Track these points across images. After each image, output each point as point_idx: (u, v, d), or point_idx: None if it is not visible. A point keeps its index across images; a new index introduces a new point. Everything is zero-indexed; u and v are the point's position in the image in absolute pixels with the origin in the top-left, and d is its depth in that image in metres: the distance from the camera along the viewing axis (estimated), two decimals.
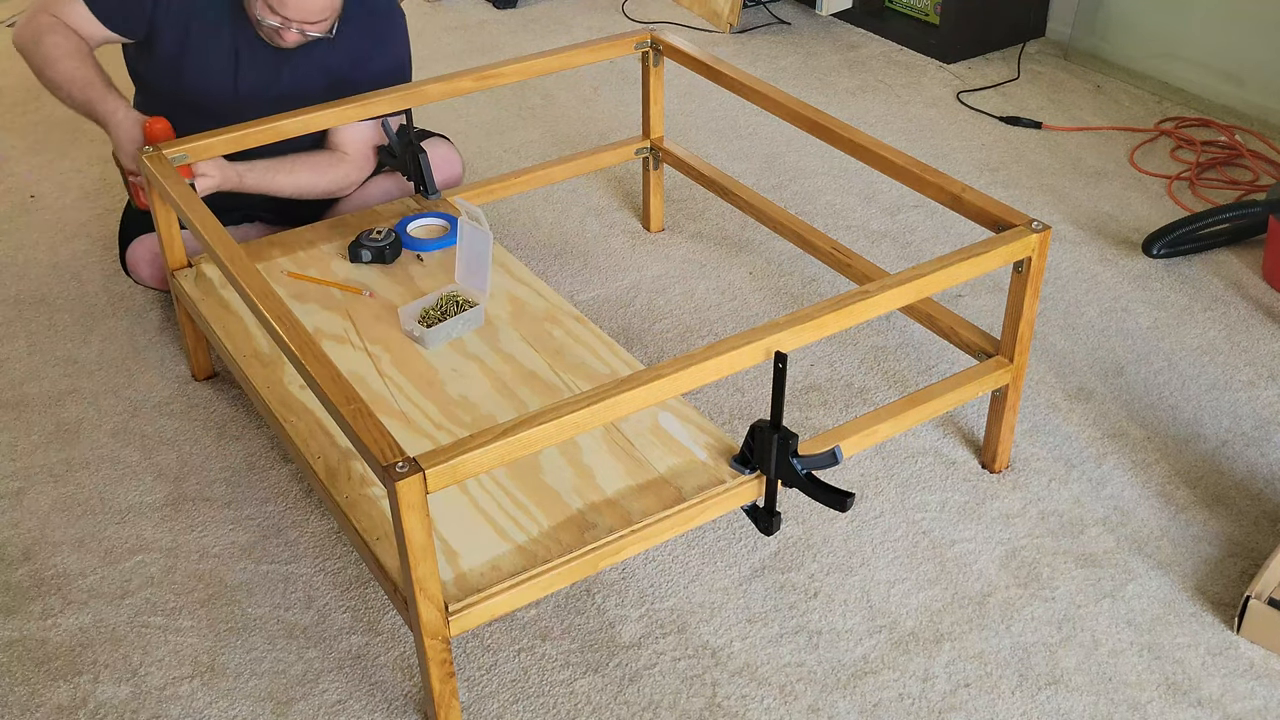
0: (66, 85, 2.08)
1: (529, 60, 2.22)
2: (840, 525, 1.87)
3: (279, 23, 2.03)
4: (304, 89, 2.17)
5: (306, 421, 1.75)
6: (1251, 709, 1.58)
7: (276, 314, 1.54)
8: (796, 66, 3.40)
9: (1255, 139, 2.92)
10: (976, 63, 3.40)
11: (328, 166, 2.21)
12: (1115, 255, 2.51)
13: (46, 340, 2.31)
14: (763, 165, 2.87)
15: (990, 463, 1.96)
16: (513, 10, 3.82)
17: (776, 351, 1.52)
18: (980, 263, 1.67)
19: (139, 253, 2.23)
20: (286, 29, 2.04)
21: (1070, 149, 2.93)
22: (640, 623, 1.71)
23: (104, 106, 2.06)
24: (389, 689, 1.63)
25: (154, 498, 1.94)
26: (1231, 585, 1.75)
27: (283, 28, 2.04)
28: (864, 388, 2.15)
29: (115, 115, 2.04)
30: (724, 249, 2.55)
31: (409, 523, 1.32)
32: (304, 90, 2.17)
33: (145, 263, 2.23)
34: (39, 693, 1.63)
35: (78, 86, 2.08)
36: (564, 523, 1.56)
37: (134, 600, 1.76)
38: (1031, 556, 1.81)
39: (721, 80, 2.20)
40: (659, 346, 2.26)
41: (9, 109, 3.22)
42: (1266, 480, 1.94)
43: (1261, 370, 2.18)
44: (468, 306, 1.94)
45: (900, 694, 1.61)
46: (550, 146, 2.98)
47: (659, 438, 1.69)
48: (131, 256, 2.24)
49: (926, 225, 2.63)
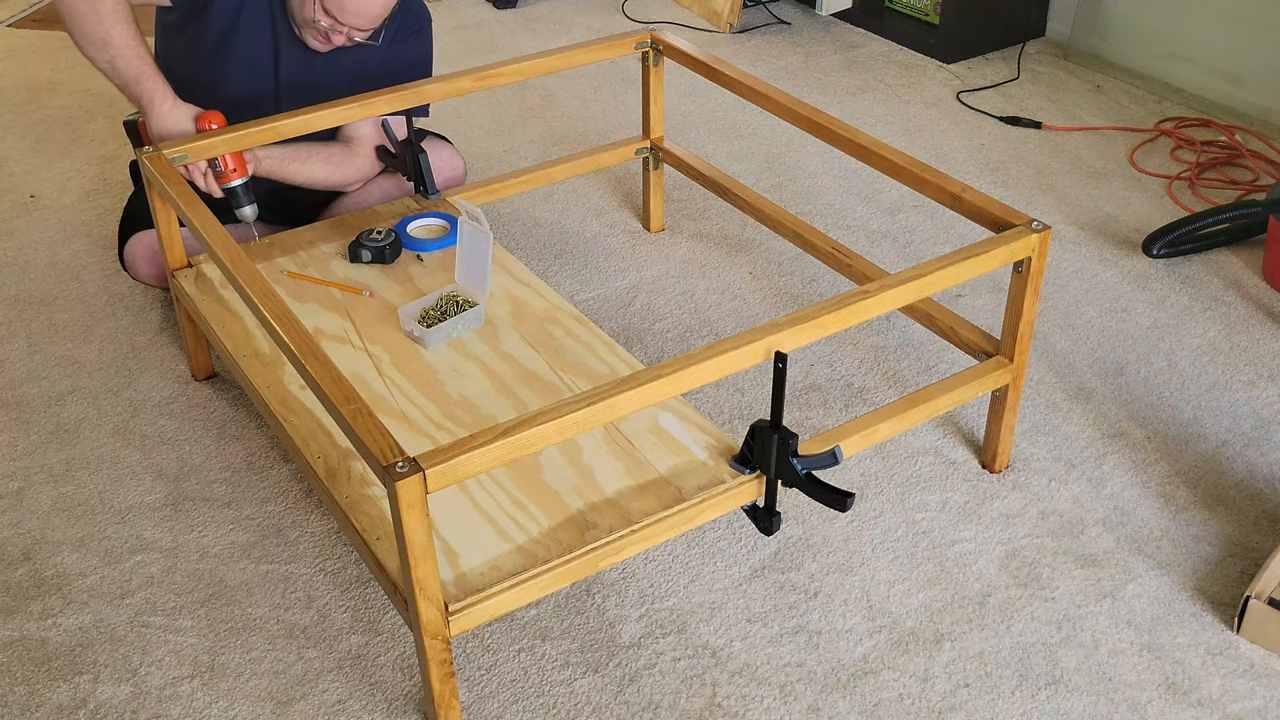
0: (116, 48, 1.98)
1: (529, 60, 2.22)
2: (840, 525, 1.87)
3: (330, 25, 2.03)
4: (334, 88, 2.18)
5: (306, 421, 1.75)
6: (1251, 709, 1.58)
7: (276, 314, 1.54)
8: (796, 66, 3.40)
9: (1255, 139, 2.92)
10: (976, 63, 3.40)
11: (341, 160, 2.22)
12: (1115, 255, 2.51)
13: (46, 340, 2.31)
14: (763, 165, 2.87)
15: (990, 463, 1.96)
16: (513, 10, 3.82)
17: (776, 351, 1.52)
18: (980, 263, 1.67)
19: (137, 249, 2.23)
20: (337, 32, 2.05)
21: (1070, 149, 2.93)
22: (640, 623, 1.71)
23: (152, 87, 2.01)
24: (389, 689, 1.63)
25: (154, 498, 1.94)
26: (1231, 585, 1.75)
27: (333, 30, 2.05)
28: (864, 388, 2.15)
29: (164, 103, 2.02)
30: (724, 249, 2.55)
31: (409, 523, 1.32)
32: (334, 89, 2.18)
33: (144, 259, 2.23)
34: (39, 693, 1.63)
35: (125, 57, 1.99)
36: (564, 523, 1.56)
37: (134, 600, 1.76)
38: (1031, 556, 1.81)
39: (721, 80, 2.20)
40: (659, 346, 2.26)
41: (9, 109, 3.22)
42: (1266, 480, 1.94)
43: (1261, 370, 2.18)
44: (468, 306, 1.94)
45: (900, 694, 1.61)
46: (550, 146, 2.98)
47: (659, 438, 1.69)
48: (130, 253, 2.24)
49: (926, 225, 2.63)
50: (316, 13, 2.03)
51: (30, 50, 3.58)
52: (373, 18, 2.05)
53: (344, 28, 2.05)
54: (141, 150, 1.94)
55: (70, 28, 2.00)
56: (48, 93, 3.30)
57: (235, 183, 2.05)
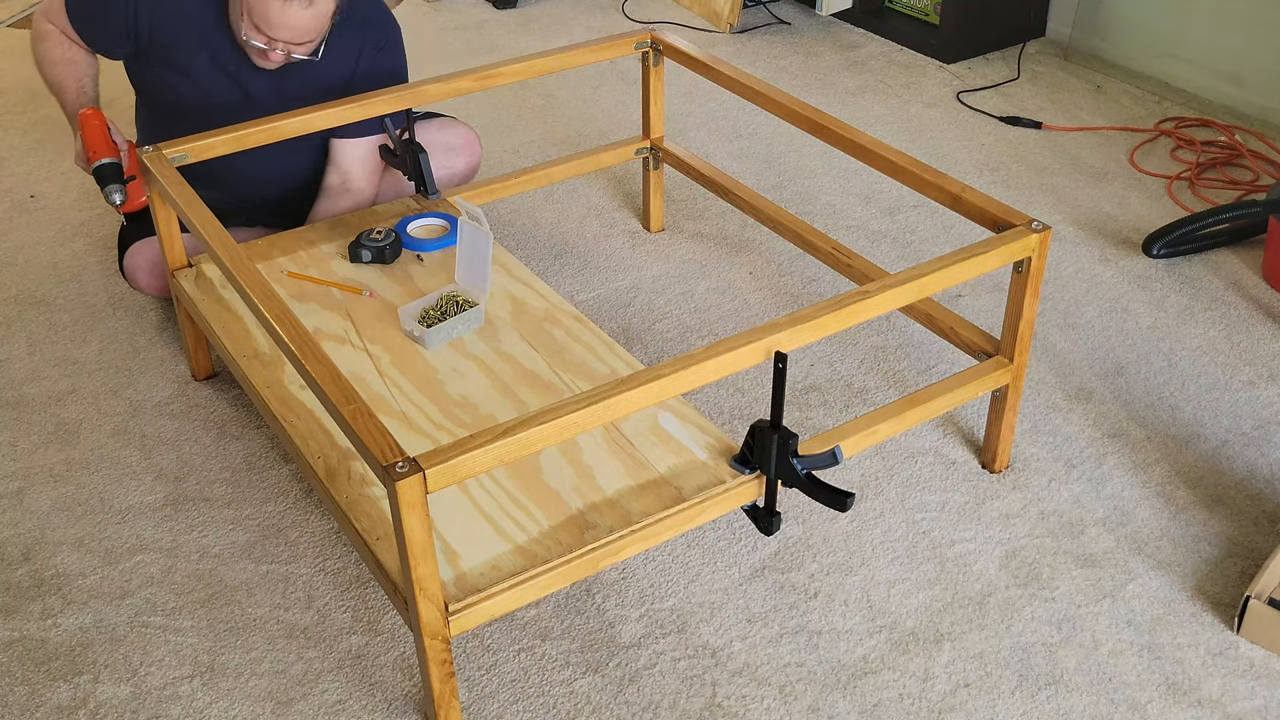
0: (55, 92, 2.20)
1: (529, 60, 2.22)
2: (840, 525, 1.87)
3: (265, 44, 2.02)
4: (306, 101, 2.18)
5: (306, 421, 1.75)
6: (1251, 709, 1.58)
7: (277, 314, 1.54)
8: (796, 66, 3.40)
9: (1255, 139, 2.92)
10: (976, 63, 3.40)
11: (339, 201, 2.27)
12: (1115, 255, 2.51)
13: (46, 340, 2.31)
14: (763, 165, 2.87)
15: (990, 463, 1.96)
16: (513, 10, 3.82)
17: (776, 351, 1.52)
18: (980, 263, 1.67)
19: (137, 260, 2.23)
20: (272, 50, 2.03)
21: (1070, 149, 2.93)
22: (640, 623, 1.71)
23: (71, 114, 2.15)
24: (389, 689, 1.63)
25: (154, 498, 1.94)
26: (1231, 585, 1.75)
27: (269, 49, 2.03)
28: (864, 388, 2.15)
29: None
30: (724, 249, 2.55)
31: (409, 523, 1.32)
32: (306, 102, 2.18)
33: (144, 271, 2.22)
34: (39, 693, 1.63)
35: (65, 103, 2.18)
36: (564, 523, 1.56)
37: (134, 600, 1.76)
38: (1031, 556, 1.81)
39: (721, 80, 2.20)
40: (659, 346, 2.26)
41: (9, 109, 3.22)
42: (1266, 480, 1.94)
43: (1261, 370, 2.18)
44: (468, 306, 1.94)
45: (900, 694, 1.61)
46: (550, 146, 2.98)
47: (659, 438, 1.69)
48: (130, 264, 2.24)
49: (926, 225, 2.63)
50: (249, 31, 2.00)
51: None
52: (304, 31, 2.00)
53: (279, 44, 2.02)
54: (142, 150, 1.93)
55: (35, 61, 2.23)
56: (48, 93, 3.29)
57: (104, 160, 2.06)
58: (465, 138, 2.42)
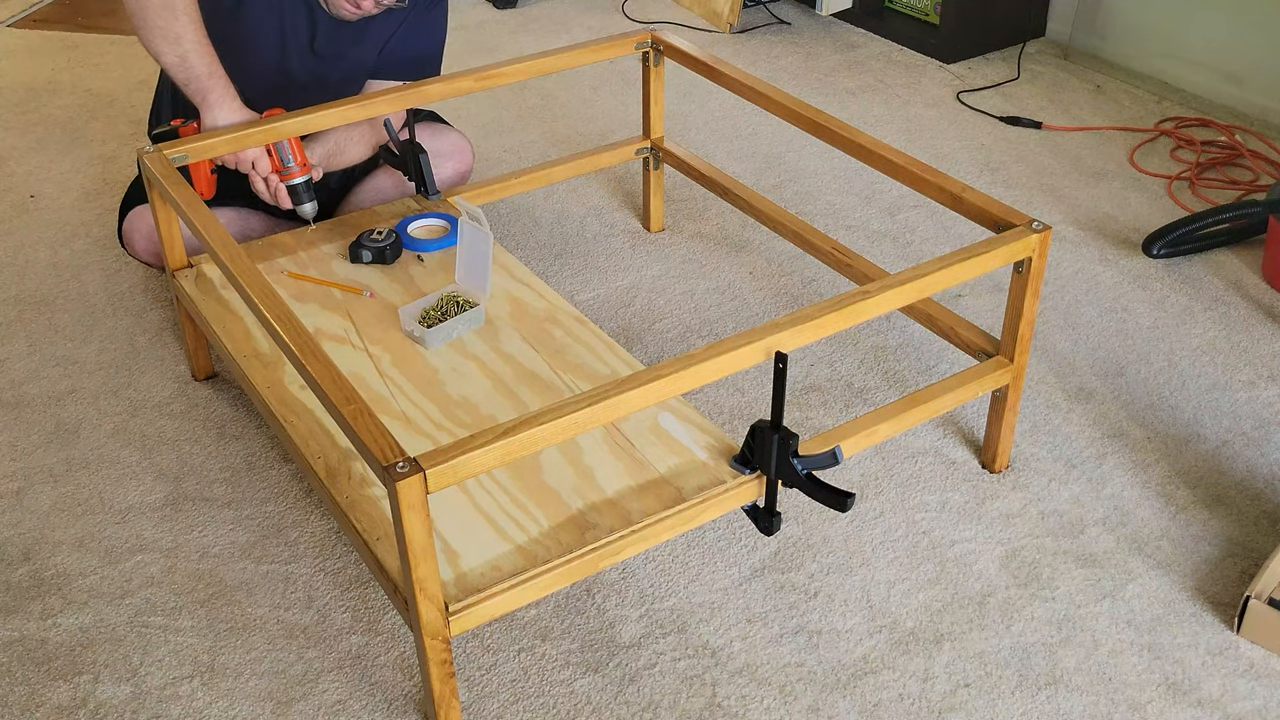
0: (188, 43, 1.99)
1: (529, 60, 2.22)
2: (840, 525, 1.87)
3: None
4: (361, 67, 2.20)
5: (306, 421, 1.75)
6: (1251, 709, 1.58)
7: (277, 314, 1.54)
8: (796, 66, 3.40)
9: (1255, 139, 2.92)
10: (976, 63, 3.40)
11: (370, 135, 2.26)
12: (1115, 255, 2.51)
13: (46, 340, 2.31)
14: (763, 165, 2.87)
15: (990, 463, 1.96)
16: (513, 10, 3.82)
17: (777, 351, 1.52)
18: (980, 263, 1.67)
19: (136, 224, 2.23)
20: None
21: (1070, 149, 2.93)
22: (640, 623, 1.71)
23: (222, 86, 2.02)
24: (389, 689, 1.63)
25: (154, 498, 1.94)
26: (1231, 585, 1.75)
27: None
28: (864, 388, 2.15)
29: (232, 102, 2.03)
30: (724, 249, 2.55)
31: (409, 523, 1.32)
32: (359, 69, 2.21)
33: (141, 235, 2.23)
34: (39, 693, 1.63)
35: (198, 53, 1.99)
36: (564, 523, 1.56)
37: (134, 600, 1.76)
38: (1031, 556, 1.81)
39: (721, 80, 2.20)
40: (659, 346, 2.26)
41: (9, 109, 3.22)
42: (1266, 480, 1.94)
43: (1261, 370, 2.18)
44: (468, 306, 1.94)
45: (900, 694, 1.61)
46: (550, 146, 2.98)
47: (659, 438, 1.69)
48: (128, 228, 2.25)
49: (926, 225, 2.63)
50: None
51: (30, 50, 3.58)
52: None
53: None
54: (142, 150, 1.93)
55: (140, 21, 1.99)
56: (48, 93, 3.30)
57: (299, 179, 2.08)
58: (456, 145, 2.41)
